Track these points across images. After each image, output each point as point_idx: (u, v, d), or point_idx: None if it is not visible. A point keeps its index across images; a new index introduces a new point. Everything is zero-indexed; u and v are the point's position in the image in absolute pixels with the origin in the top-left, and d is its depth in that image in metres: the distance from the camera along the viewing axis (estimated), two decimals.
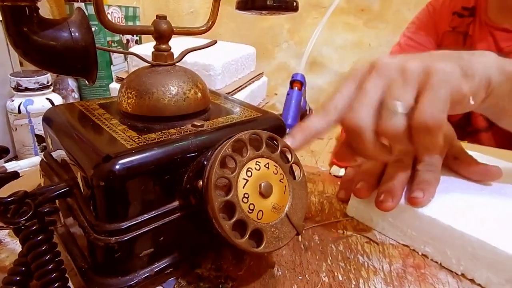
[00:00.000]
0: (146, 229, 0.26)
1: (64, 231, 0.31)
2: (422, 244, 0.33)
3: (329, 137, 0.61)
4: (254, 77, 0.66)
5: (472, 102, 0.28)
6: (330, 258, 0.33)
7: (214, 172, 0.23)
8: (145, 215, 0.27)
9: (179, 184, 0.28)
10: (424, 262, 0.32)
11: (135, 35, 0.79)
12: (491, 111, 0.34)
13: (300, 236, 0.35)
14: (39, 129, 0.53)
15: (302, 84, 0.58)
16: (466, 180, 0.38)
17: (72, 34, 0.24)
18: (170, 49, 0.32)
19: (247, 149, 0.26)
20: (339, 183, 0.46)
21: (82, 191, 0.27)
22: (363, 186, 0.36)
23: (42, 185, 0.35)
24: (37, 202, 0.27)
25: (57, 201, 0.31)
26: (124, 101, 0.31)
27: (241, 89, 0.61)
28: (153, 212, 0.27)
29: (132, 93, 0.31)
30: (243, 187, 0.25)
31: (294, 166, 0.29)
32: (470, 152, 0.40)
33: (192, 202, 0.26)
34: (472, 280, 0.30)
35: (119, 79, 0.65)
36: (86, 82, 0.28)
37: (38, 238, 0.26)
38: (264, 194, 0.25)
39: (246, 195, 0.25)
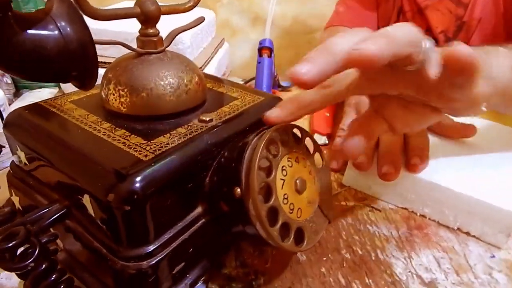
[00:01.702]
0: (176, 244, 0.24)
1: (66, 257, 0.27)
2: (420, 206, 0.36)
3: None
4: (217, 45, 0.61)
5: (484, 109, 0.28)
6: (344, 233, 0.34)
7: (256, 179, 0.22)
8: (172, 230, 0.24)
9: (200, 189, 0.26)
10: (424, 223, 0.35)
11: None
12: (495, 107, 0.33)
13: None
14: None
15: (271, 50, 0.55)
16: (450, 141, 0.41)
17: (62, 30, 0.18)
18: (159, 33, 0.28)
19: (278, 147, 0.24)
20: (325, 151, 0.46)
21: (92, 213, 0.23)
22: (363, 159, 0.37)
23: (17, 204, 0.30)
24: (34, 232, 0.23)
25: None
26: (115, 100, 0.26)
27: (209, 60, 0.56)
28: (180, 224, 0.25)
29: (125, 90, 0.26)
30: (282, 188, 0.23)
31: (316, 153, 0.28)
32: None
33: (224, 209, 0.24)
34: (467, 233, 0.34)
35: None
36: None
37: (53, 278, 0.22)
38: (300, 190, 0.25)
39: (285, 196, 0.24)
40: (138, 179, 0.21)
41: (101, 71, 0.25)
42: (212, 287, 0.28)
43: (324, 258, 0.31)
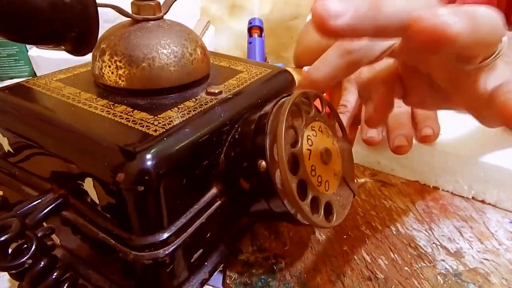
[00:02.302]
0: (193, 229, 0.22)
1: (65, 253, 0.24)
2: (433, 178, 0.35)
3: None
4: (203, 28, 0.58)
5: None
6: (360, 209, 0.32)
7: (284, 147, 0.19)
8: (188, 213, 0.22)
9: (215, 167, 0.23)
10: (438, 194, 0.34)
11: None
12: None
13: None
14: None
15: (261, 29, 0.53)
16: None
17: None
18: None
19: (302, 115, 0.22)
20: None
21: (96, 200, 0.20)
22: (372, 133, 0.35)
23: None
24: (29, 226, 0.20)
25: None
26: (111, 72, 0.23)
27: None
28: (196, 207, 0.22)
29: (122, 61, 0.23)
30: (309, 160, 0.21)
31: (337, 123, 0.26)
32: None
33: (244, 186, 0.22)
34: (482, 201, 0.33)
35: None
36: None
37: (54, 276, 0.19)
38: (326, 161, 0.23)
39: (313, 168, 0.21)
40: (150, 156, 0.19)
41: None
42: (231, 275, 0.25)
43: (345, 236, 0.29)
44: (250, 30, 0.52)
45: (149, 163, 0.19)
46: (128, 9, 0.24)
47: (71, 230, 0.23)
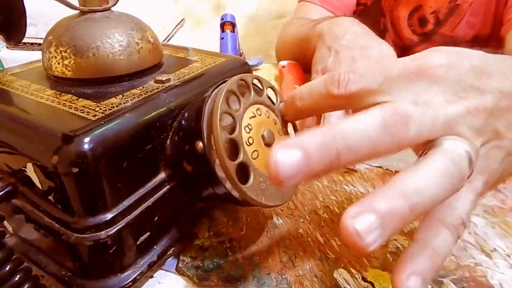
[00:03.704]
0: (137, 212, 0.22)
1: (17, 241, 0.24)
2: (394, 162, 0.35)
3: (268, 79, 0.59)
4: (177, 24, 0.59)
5: None
6: (321, 195, 0.32)
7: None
8: (132, 197, 0.22)
9: (162, 152, 0.24)
10: None
11: None
12: None
13: None
14: None
15: (233, 25, 0.53)
16: None
17: None
18: None
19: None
20: (297, 122, 0.45)
21: (39, 185, 0.21)
22: (333, 120, 0.36)
23: None
24: None
25: None
26: (58, 63, 0.24)
27: (170, 39, 0.54)
28: (141, 191, 0.23)
29: (68, 51, 0.24)
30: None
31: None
32: None
33: (188, 169, 0.23)
34: None
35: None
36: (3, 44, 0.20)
37: (7, 269, 0.19)
38: (269, 143, 0.23)
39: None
40: (85, 139, 0.19)
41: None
42: (184, 259, 0.26)
43: (302, 220, 0.29)
44: (222, 25, 0.53)
45: (83, 145, 0.19)
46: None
47: (23, 218, 0.23)
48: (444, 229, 0.18)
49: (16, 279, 0.19)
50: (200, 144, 0.21)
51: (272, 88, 0.25)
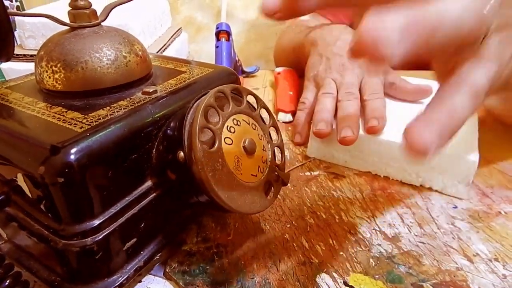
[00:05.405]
0: (123, 219, 0.23)
1: (11, 247, 0.26)
2: (383, 167, 0.36)
3: (263, 85, 0.60)
4: (174, 34, 0.60)
5: None
6: (308, 200, 0.33)
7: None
8: (118, 204, 0.23)
9: (147, 161, 0.24)
10: (387, 183, 0.35)
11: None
12: None
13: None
14: None
15: (228, 34, 0.54)
16: (405, 102, 0.41)
17: None
18: (91, 5, 0.27)
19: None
20: (290, 128, 0.46)
21: (29, 194, 0.22)
22: (321, 126, 0.36)
23: None
24: None
25: None
26: (49, 77, 0.25)
27: (165, 48, 0.55)
28: (127, 199, 0.23)
29: (58, 65, 0.25)
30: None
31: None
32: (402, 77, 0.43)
33: (172, 178, 0.24)
34: (430, 188, 0.34)
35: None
36: None
37: None
38: (251, 152, 0.24)
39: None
40: (73, 150, 0.20)
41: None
42: (172, 264, 0.26)
43: (288, 226, 0.30)
44: (217, 34, 0.54)
45: (68, 157, 0.20)
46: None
47: (17, 225, 0.24)
48: (461, 91, 0.18)
49: (6, 284, 0.20)
50: (182, 153, 0.22)
51: (253, 94, 0.26)
